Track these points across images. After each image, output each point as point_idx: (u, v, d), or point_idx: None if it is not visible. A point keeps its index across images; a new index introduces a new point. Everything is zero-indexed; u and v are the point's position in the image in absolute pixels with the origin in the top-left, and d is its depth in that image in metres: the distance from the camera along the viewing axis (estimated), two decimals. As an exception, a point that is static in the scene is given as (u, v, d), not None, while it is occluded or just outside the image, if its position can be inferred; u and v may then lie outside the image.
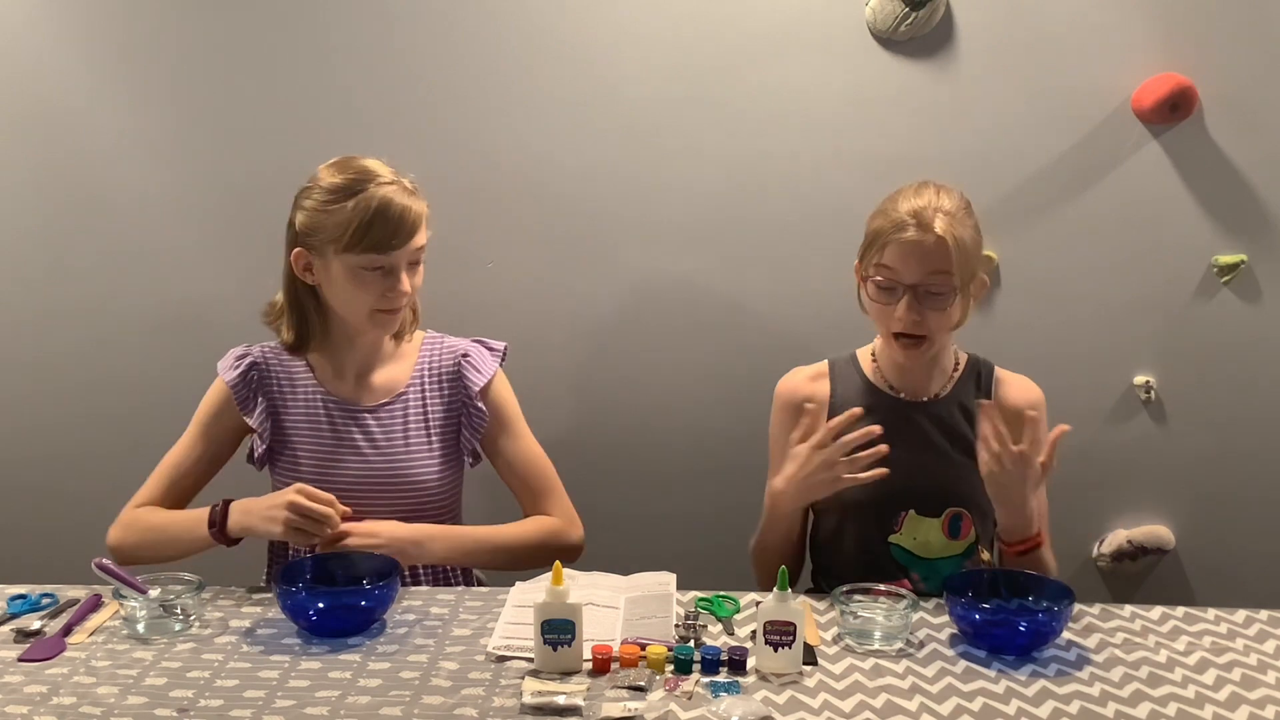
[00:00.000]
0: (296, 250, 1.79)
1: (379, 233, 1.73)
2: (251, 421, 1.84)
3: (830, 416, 1.86)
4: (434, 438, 1.88)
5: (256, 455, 1.87)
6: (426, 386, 1.89)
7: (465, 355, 1.91)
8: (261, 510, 1.71)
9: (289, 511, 1.67)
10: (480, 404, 1.89)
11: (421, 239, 1.79)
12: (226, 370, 1.87)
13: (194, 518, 1.77)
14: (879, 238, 1.76)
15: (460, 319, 2.02)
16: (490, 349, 1.95)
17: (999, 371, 1.91)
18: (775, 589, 1.49)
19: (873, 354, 1.92)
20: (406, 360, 1.91)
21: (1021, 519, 1.72)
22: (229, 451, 1.90)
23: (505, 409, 1.93)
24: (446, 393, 1.90)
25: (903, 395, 1.87)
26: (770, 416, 1.94)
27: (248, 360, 1.88)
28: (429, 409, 1.88)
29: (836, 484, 1.71)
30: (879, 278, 1.76)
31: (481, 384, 1.89)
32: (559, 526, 1.91)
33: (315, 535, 1.69)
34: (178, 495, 1.86)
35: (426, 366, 1.91)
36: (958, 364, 1.90)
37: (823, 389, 1.90)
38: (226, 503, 1.75)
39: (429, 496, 1.86)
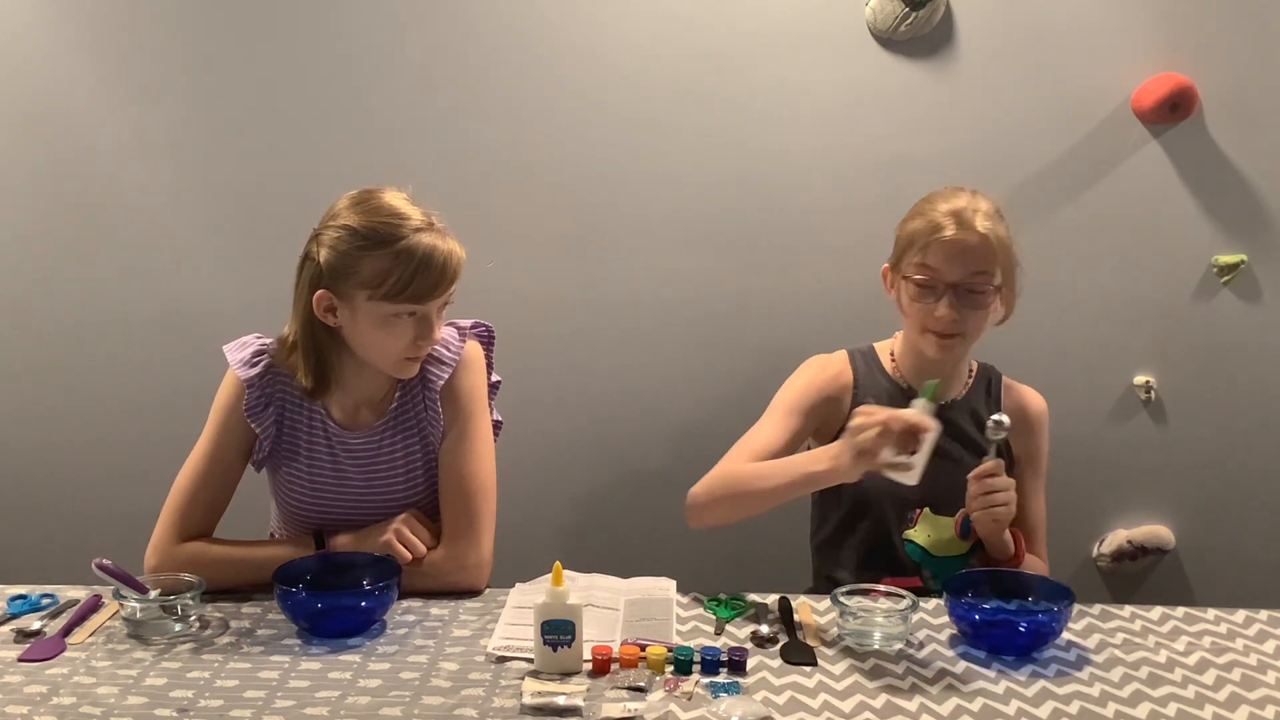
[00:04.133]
0: (320, 292, 1.69)
1: (422, 284, 1.65)
2: (257, 427, 1.77)
3: (852, 405, 1.86)
4: (420, 453, 1.82)
5: (255, 458, 1.82)
6: (411, 399, 1.81)
7: (430, 353, 1.79)
8: (364, 546, 1.74)
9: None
10: (439, 408, 1.79)
11: (455, 284, 1.72)
12: (243, 367, 1.77)
13: (285, 554, 1.72)
14: (918, 238, 1.76)
15: (459, 319, 2.02)
16: (459, 329, 1.84)
17: (1006, 380, 1.93)
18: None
19: (892, 353, 1.92)
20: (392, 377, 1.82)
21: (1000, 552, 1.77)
22: (250, 449, 1.80)
23: (457, 406, 1.80)
24: (417, 407, 1.82)
25: None
26: (788, 379, 1.90)
27: (265, 361, 1.78)
28: (418, 422, 1.81)
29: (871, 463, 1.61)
30: (920, 276, 1.76)
31: (442, 381, 1.79)
32: (441, 562, 1.75)
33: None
34: (213, 515, 1.78)
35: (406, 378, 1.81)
36: (971, 370, 1.91)
37: (847, 376, 1.91)
38: (320, 534, 1.75)
39: (425, 509, 1.83)
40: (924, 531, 1.83)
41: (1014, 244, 1.80)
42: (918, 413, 1.58)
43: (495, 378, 1.93)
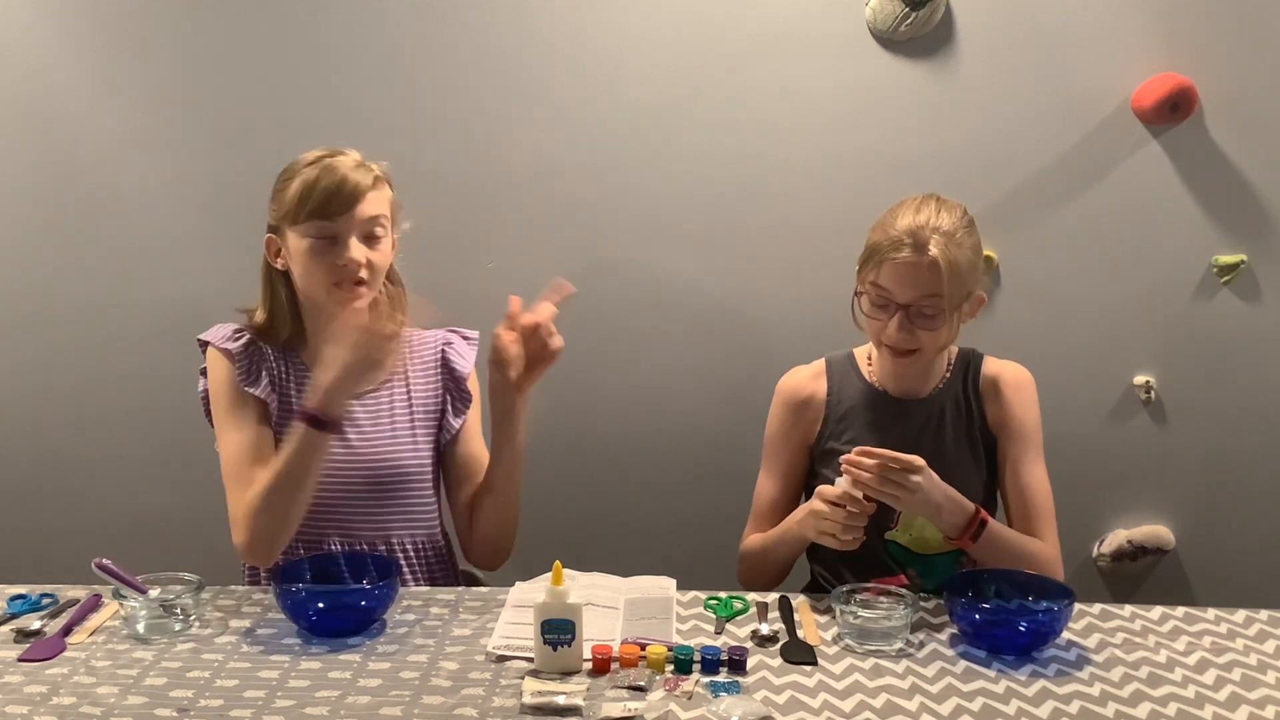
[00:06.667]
0: (268, 236, 1.83)
1: (319, 198, 1.75)
2: (258, 392, 1.81)
3: (827, 413, 1.90)
4: (417, 424, 1.89)
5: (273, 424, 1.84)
6: (410, 376, 1.91)
7: (448, 343, 1.96)
8: (342, 373, 1.67)
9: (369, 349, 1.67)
10: (468, 388, 1.93)
11: (371, 210, 1.77)
12: (227, 343, 1.83)
13: (296, 445, 1.68)
14: (875, 254, 1.76)
15: (460, 319, 2.02)
16: (466, 338, 1.99)
17: (988, 359, 1.92)
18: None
19: (869, 356, 1.93)
20: None
21: (951, 514, 1.72)
22: (268, 414, 1.83)
23: (474, 399, 1.97)
24: (429, 380, 1.92)
25: (897, 394, 1.88)
26: (768, 413, 1.95)
27: (245, 338, 1.85)
28: (412, 396, 1.89)
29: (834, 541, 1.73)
30: (873, 294, 1.78)
31: (468, 369, 1.94)
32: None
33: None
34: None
35: (405, 357, 1.91)
36: (950, 360, 1.91)
37: (821, 387, 1.93)
38: (303, 412, 1.70)
39: (410, 480, 1.86)
40: (906, 531, 1.83)
41: (977, 263, 1.78)
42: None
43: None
